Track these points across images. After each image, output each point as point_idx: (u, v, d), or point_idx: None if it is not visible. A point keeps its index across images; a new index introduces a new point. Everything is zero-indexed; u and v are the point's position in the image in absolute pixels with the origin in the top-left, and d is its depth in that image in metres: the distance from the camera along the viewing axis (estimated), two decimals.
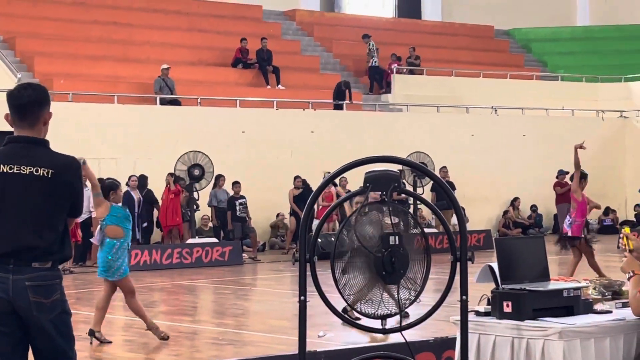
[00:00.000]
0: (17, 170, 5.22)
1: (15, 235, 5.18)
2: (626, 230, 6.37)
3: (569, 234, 16.52)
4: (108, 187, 11.43)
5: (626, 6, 40.68)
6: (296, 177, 24.57)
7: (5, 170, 5.23)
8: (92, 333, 11.43)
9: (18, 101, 5.32)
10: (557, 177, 28.72)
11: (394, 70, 32.05)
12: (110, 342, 11.52)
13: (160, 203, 23.12)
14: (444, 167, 26.59)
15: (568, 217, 16.66)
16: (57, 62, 26.37)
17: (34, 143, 5.32)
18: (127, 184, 21.86)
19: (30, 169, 5.22)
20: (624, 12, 40.46)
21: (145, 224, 23.06)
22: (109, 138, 23.67)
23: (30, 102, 5.31)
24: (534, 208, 30.05)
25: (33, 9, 28.25)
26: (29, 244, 5.18)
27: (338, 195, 22.93)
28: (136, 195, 22.57)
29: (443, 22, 38.29)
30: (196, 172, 22.61)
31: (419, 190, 24.62)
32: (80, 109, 23.72)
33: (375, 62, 31.72)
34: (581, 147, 16.63)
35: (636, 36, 38.58)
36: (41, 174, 5.21)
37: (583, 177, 16.76)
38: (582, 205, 16.60)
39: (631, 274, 6.11)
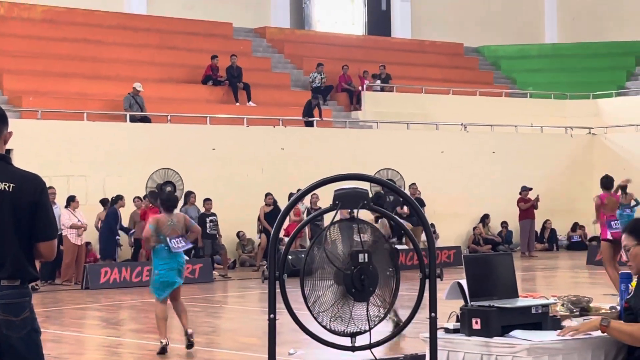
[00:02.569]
0: None
1: None
2: None
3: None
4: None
5: (594, 24, 41.03)
6: (267, 195, 24.57)
7: None
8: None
9: None
10: (520, 193, 28.91)
11: (364, 87, 32.16)
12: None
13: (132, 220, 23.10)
14: (413, 183, 26.69)
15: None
16: (26, 79, 26.26)
17: None
18: (114, 203, 22.19)
19: None
20: (591, 29, 40.81)
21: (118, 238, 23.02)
22: (78, 155, 23.58)
23: None
24: (504, 224, 30.19)
25: (2, 26, 28.13)
26: None
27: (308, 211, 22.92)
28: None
29: (412, 39, 38.46)
30: (168, 189, 22.56)
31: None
32: (49, 126, 23.62)
33: (320, 83, 31.68)
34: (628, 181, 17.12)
35: (604, 54, 38.91)
36: (2, 187, 5.18)
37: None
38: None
39: None
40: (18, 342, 5.17)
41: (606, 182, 17.57)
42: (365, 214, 5.54)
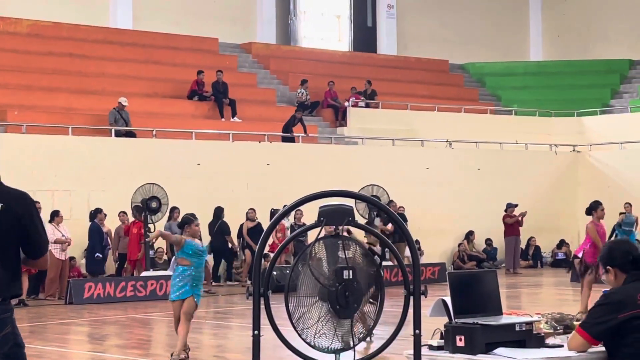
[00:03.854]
0: None
1: None
2: None
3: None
4: (183, 222, 13.04)
5: (579, 42, 41.25)
6: (249, 210, 24.57)
7: None
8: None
9: None
10: (505, 210, 28.97)
11: (350, 103, 32.22)
12: None
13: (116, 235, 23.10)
14: (391, 201, 26.41)
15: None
16: (11, 93, 26.20)
17: None
18: (94, 218, 22.25)
19: None
20: (576, 47, 41.01)
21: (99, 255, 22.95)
22: (63, 170, 23.52)
23: None
24: (489, 241, 30.23)
25: None
26: None
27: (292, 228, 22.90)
28: (105, 228, 22.79)
29: (398, 56, 38.56)
30: (154, 204, 22.53)
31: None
32: (34, 140, 23.57)
33: (305, 98, 31.81)
34: None
35: (589, 71, 39.09)
36: None
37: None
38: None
39: None
40: (2, 358, 5.15)
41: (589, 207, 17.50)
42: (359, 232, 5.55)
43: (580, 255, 17.17)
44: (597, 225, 16.86)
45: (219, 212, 24.44)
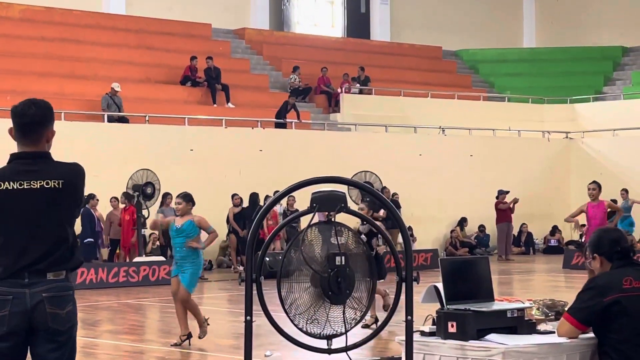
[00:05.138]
0: (27, 185, 5.23)
1: (29, 250, 5.18)
2: None
3: None
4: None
5: (572, 28, 41.24)
6: (234, 195, 24.58)
7: (15, 187, 5.23)
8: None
9: (22, 119, 5.40)
10: (497, 197, 29.00)
11: (344, 89, 32.19)
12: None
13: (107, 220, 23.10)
14: (385, 187, 26.47)
15: None
16: (3, 78, 26.12)
17: (37, 157, 5.36)
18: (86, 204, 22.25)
19: (40, 182, 5.25)
20: (569, 34, 41.01)
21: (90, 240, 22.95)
22: (55, 155, 23.21)
23: (34, 122, 5.39)
24: (481, 228, 30.26)
25: None
26: (43, 257, 5.19)
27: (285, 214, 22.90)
28: (97, 214, 22.82)
29: (391, 42, 38.53)
30: (149, 190, 22.52)
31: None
32: None
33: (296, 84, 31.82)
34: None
35: (582, 58, 39.10)
36: (52, 186, 5.25)
37: None
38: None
39: None
40: (60, 336, 5.20)
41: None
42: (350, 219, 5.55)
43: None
44: (588, 205, 16.90)
45: (255, 198, 24.24)
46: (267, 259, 20.45)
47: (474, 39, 40.17)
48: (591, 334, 6.17)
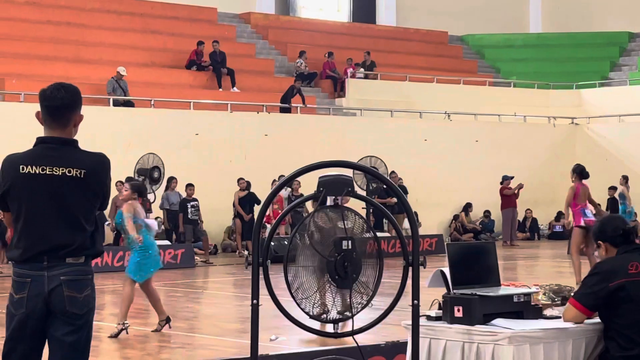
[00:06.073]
0: (49, 171, 5.23)
1: (48, 235, 5.20)
2: None
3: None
4: None
5: (578, 14, 41.12)
6: (240, 179, 24.58)
7: (37, 172, 5.23)
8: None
9: (51, 102, 5.38)
10: (501, 183, 28.97)
11: (349, 74, 32.15)
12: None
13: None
14: (393, 172, 26.54)
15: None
16: (9, 62, 26.12)
17: (63, 144, 5.34)
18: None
19: (62, 169, 5.24)
20: (576, 19, 40.88)
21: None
22: None
23: (63, 105, 5.38)
24: (487, 213, 30.24)
25: None
26: (63, 243, 5.20)
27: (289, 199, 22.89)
28: None
29: (397, 27, 38.45)
30: (155, 174, 22.52)
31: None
32: (32, 109, 22.95)
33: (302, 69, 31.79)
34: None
35: (588, 44, 38.99)
36: (74, 174, 5.24)
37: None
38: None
39: None
40: (78, 320, 5.23)
41: (583, 171, 17.72)
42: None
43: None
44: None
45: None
46: (272, 243, 20.46)
47: (480, 24, 40.06)
48: (597, 319, 6.18)
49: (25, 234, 5.22)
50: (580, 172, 17.31)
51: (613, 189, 28.37)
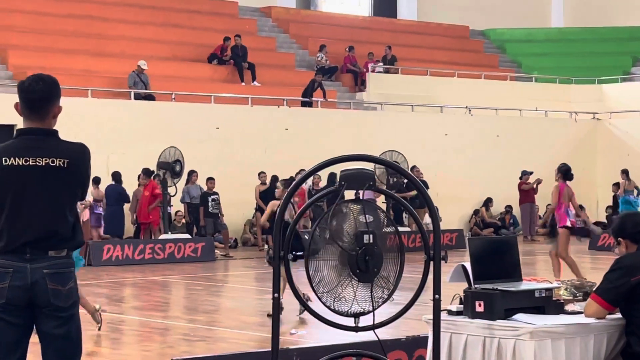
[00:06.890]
0: (32, 162, 5.24)
1: (32, 226, 5.21)
2: None
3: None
4: None
5: (600, 8, 40.92)
6: (260, 173, 24.60)
7: (20, 163, 5.25)
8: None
9: (29, 95, 5.37)
10: (520, 178, 28.88)
11: (369, 68, 32.12)
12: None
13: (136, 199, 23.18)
14: (414, 166, 26.52)
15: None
16: (31, 56, 26.21)
17: (45, 134, 5.35)
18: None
19: (46, 160, 5.25)
20: (598, 14, 40.70)
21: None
22: (82, 132, 23.41)
23: (43, 97, 5.38)
24: (508, 208, 30.14)
25: (7, 2, 28.05)
26: (46, 234, 5.22)
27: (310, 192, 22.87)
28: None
29: (419, 21, 38.36)
30: (177, 167, 22.60)
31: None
32: None
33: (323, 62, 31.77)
34: None
35: (610, 38, 38.80)
36: (57, 164, 5.26)
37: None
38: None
39: None
40: (61, 313, 5.24)
41: (568, 172, 17.67)
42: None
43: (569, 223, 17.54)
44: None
45: (332, 177, 23.89)
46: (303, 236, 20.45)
47: (502, 19, 39.92)
48: (619, 315, 6.17)
49: (9, 225, 5.23)
50: (565, 172, 17.23)
51: (616, 185, 28.22)
